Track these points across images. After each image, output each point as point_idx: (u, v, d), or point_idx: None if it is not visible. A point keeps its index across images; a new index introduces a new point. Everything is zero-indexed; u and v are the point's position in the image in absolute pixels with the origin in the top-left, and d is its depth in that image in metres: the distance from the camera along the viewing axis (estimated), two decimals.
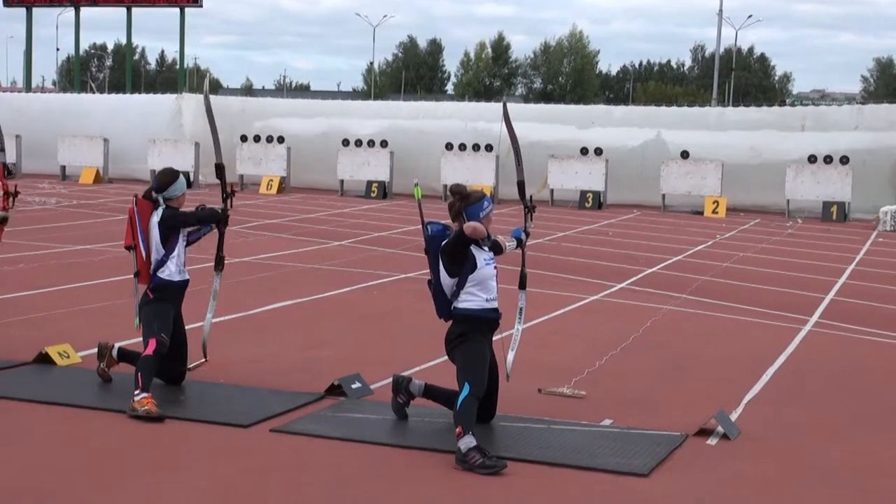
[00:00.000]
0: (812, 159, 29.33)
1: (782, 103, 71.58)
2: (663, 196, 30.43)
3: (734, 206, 30.05)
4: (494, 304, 8.38)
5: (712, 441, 8.17)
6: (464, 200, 8.24)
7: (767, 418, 8.96)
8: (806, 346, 12.17)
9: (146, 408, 8.18)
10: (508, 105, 10.44)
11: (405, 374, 8.99)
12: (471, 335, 8.15)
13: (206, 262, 9.20)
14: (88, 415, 8.36)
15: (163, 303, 8.86)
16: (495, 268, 8.42)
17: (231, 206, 9.37)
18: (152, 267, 8.92)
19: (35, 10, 64.17)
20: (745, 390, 9.83)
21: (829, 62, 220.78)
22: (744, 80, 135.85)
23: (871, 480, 7.54)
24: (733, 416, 8.78)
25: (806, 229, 26.21)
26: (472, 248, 8.15)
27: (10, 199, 10.00)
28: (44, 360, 9.78)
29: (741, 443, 8.18)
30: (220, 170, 9.59)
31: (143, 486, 6.87)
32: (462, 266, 8.14)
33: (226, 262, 9.65)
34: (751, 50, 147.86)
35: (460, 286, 8.23)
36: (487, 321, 8.32)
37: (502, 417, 8.56)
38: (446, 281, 8.27)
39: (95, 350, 9.38)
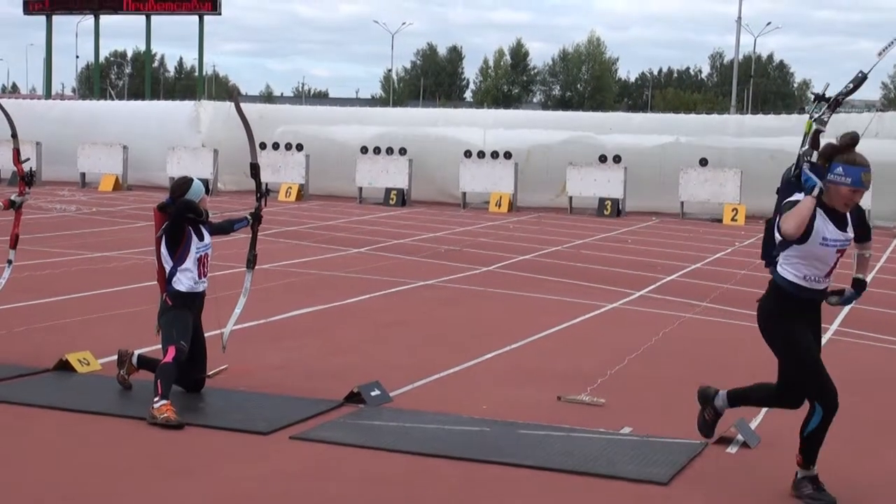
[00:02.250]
0: None
1: (801, 110, 71.39)
2: (682, 203, 30.37)
3: (753, 214, 29.95)
4: (815, 286, 7.22)
5: (732, 449, 8.15)
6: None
7: (787, 427, 8.89)
8: (826, 354, 12.06)
9: (165, 415, 8.20)
10: (526, 111, 10.45)
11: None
12: (784, 315, 7.15)
13: (228, 269, 9.22)
14: (108, 421, 8.39)
15: (181, 310, 8.88)
16: (838, 252, 7.23)
17: (265, 205, 9.47)
18: (166, 277, 8.95)
19: (55, 18, 64.51)
20: None
21: (848, 69, 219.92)
22: (763, 87, 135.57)
23: (891, 490, 7.51)
24: (753, 425, 8.76)
25: None
26: (818, 219, 6.95)
27: (26, 184, 10.09)
28: (64, 367, 9.82)
29: (761, 451, 8.17)
30: (255, 170, 9.67)
31: (161, 493, 6.89)
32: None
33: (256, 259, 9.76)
34: (770, 57, 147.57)
35: (783, 247, 7.14)
36: (799, 302, 7.17)
37: (521, 425, 8.56)
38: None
39: (115, 357, 9.41)
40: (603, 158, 30.89)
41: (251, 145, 9.79)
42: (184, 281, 8.91)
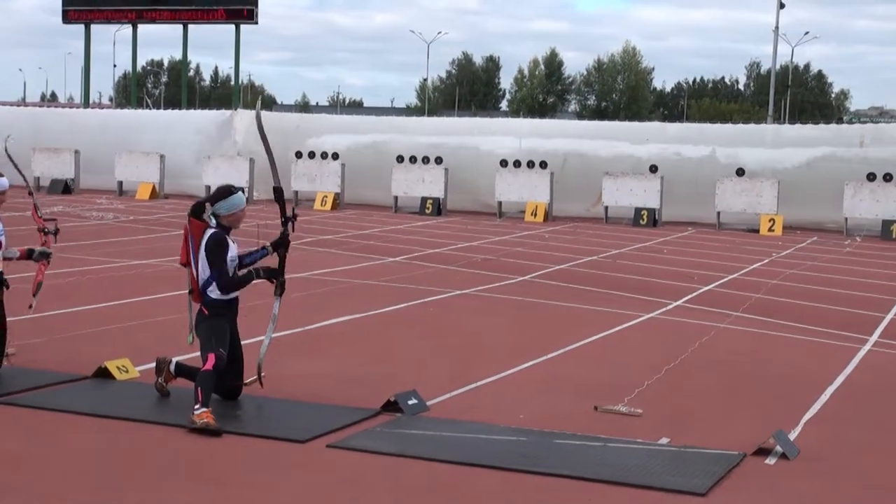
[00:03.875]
0: (871, 177, 29.10)
1: (840, 120, 71.02)
2: (718, 214, 30.25)
3: (791, 224, 29.82)
4: None
5: (771, 461, 8.11)
6: None
7: (827, 438, 8.89)
8: (866, 365, 12.07)
9: (205, 420, 8.25)
10: (561, 121, 10.41)
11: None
12: None
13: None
14: (146, 429, 8.44)
15: (218, 318, 8.91)
16: None
17: (293, 230, 9.41)
18: (201, 285, 8.97)
19: (93, 27, 65.00)
20: (803, 409, 9.75)
21: (886, 79, 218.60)
22: (800, 97, 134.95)
23: None
24: (792, 436, 8.71)
25: (865, 248, 25.97)
26: None
27: (50, 235, 10.07)
28: (103, 374, 9.88)
29: (800, 462, 8.12)
30: (278, 193, 9.51)
31: (198, 500, 6.92)
32: None
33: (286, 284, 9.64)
34: (807, 67, 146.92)
35: None
36: None
37: (558, 435, 8.55)
38: None
39: (154, 365, 9.46)
40: (640, 169, 30.84)
41: (272, 167, 9.71)
42: (218, 290, 8.92)
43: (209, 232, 8.91)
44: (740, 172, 30.19)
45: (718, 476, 7.66)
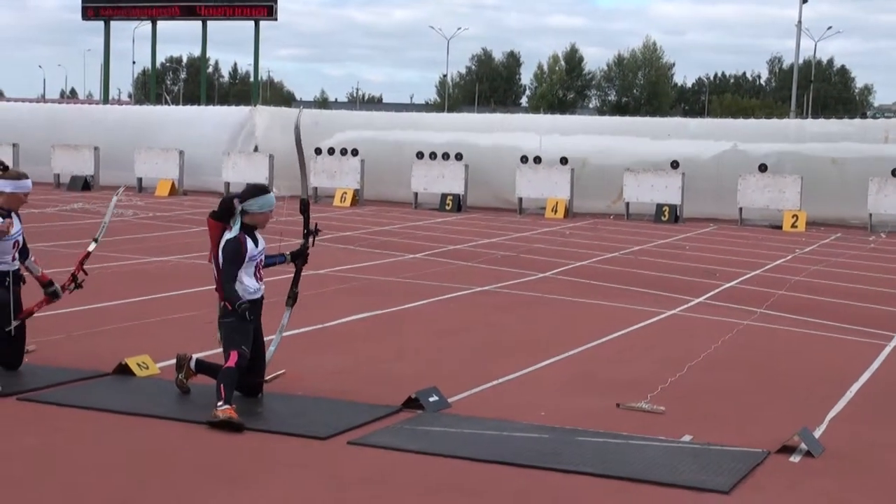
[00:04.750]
0: None
1: (863, 116, 70.72)
2: (740, 210, 30.15)
3: (814, 221, 29.71)
4: None
5: (795, 458, 8.08)
6: None
7: (852, 436, 8.84)
8: (892, 361, 12.01)
9: (228, 415, 8.26)
10: (582, 117, 10.35)
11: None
12: None
13: (287, 273, 9.26)
14: (166, 425, 8.46)
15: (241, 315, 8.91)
16: None
17: (313, 245, 9.41)
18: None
19: (112, 24, 65.19)
20: (828, 407, 9.71)
21: None
22: (823, 92, 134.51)
23: None
24: (817, 433, 8.68)
25: (890, 244, 25.83)
26: None
27: (73, 286, 10.01)
28: (123, 370, 9.91)
29: (825, 460, 8.08)
30: (304, 206, 9.50)
31: (220, 497, 6.93)
32: None
33: (299, 295, 9.61)
34: (830, 61, 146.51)
35: None
36: None
37: (580, 432, 8.54)
38: None
39: (174, 361, 9.48)
40: (661, 165, 30.78)
41: (303, 179, 9.72)
42: (240, 288, 8.92)
43: (226, 237, 8.88)
44: (763, 168, 30.10)
45: (742, 474, 7.63)
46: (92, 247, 10.26)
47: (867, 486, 7.59)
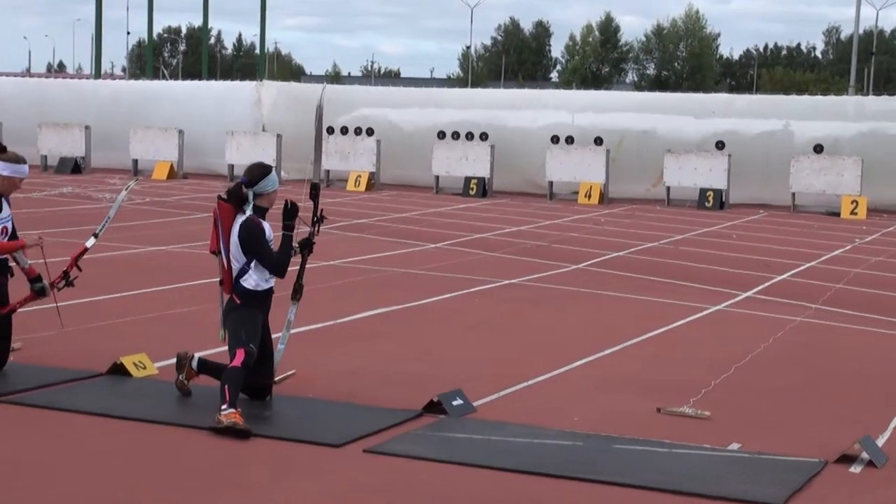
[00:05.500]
0: None
1: None
2: (793, 195, 30.06)
3: (876, 207, 29.60)
4: None
5: (856, 469, 8.06)
6: None
7: None
8: None
9: (233, 420, 8.28)
10: (618, 93, 10.31)
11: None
12: None
13: (292, 264, 9.27)
14: (165, 431, 8.48)
15: (250, 310, 8.94)
16: None
17: (317, 233, 9.42)
18: (234, 275, 8.99)
19: None
20: (893, 412, 9.67)
21: None
22: (885, 65, 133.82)
23: None
24: (880, 441, 8.66)
25: None
26: None
27: (63, 284, 10.03)
28: (118, 370, 9.93)
29: (890, 471, 8.06)
30: (315, 190, 9.50)
31: None
32: None
33: (304, 289, 9.60)
34: (894, 31, 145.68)
35: None
36: None
37: (617, 440, 8.53)
38: None
39: (174, 361, 9.50)
40: (705, 145, 30.70)
41: (317, 162, 9.75)
42: (255, 277, 8.96)
43: (241, 219, 8.94)
44: (818, 149, 29.98)
45: (797, 486, 7.62)
46: (91, 242, 10.30)
47: None
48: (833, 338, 13.11)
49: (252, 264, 8.95)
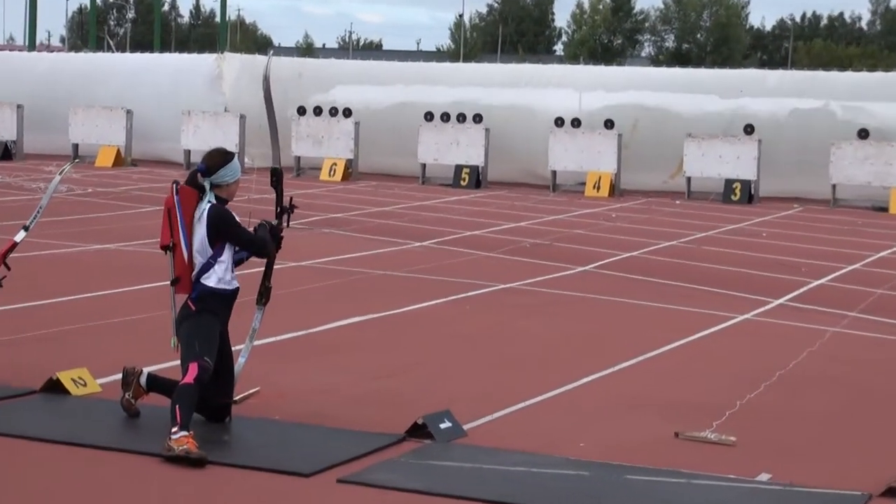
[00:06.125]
0: None
1: None
2: (833, 187, 30.10)
3: None
4: None
5: None
6: None
7: None
8: None
9: (185, 447, 8.27)
10: (632, 69, 10.34)
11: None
12: None
13: (257, 264, 9.29)
14: (109, 457, 8.45)
15: (208, 316, 8.92)
16: None
17: (287, 226, 9.40)
18: (195, 272, 8.97)
19: None
20: None
21: None
22: None
23: None
24: None
25: None
26: None
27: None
28: (54, 387, 9.91)
29: None
30: (276, 176, 9.43)
31: None
32: None
33: (272, 292, 9.62)
34: None
35: None
36: None
37: (628, 469, 8.55)
38: None
39: (119, 377, 9.49)
40: (732, 129, 30.75)
41: (274, 145, 9.73)
42: (219, 273, 8.94)
43: (208, 205, 8.92)
44: (863, 134, 30.01)
45: None
46: (20, 236, 10.26)
47: None
48: (876, 351, 13.14)
49: (218, 259, 8.90)
